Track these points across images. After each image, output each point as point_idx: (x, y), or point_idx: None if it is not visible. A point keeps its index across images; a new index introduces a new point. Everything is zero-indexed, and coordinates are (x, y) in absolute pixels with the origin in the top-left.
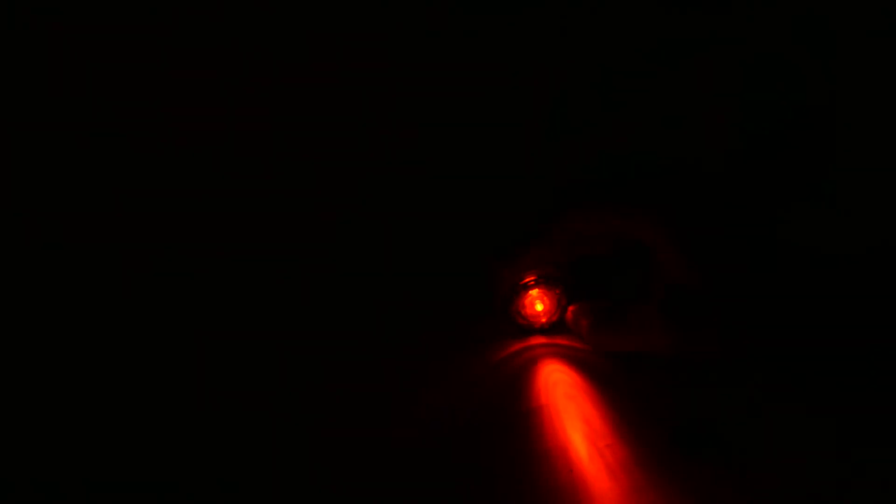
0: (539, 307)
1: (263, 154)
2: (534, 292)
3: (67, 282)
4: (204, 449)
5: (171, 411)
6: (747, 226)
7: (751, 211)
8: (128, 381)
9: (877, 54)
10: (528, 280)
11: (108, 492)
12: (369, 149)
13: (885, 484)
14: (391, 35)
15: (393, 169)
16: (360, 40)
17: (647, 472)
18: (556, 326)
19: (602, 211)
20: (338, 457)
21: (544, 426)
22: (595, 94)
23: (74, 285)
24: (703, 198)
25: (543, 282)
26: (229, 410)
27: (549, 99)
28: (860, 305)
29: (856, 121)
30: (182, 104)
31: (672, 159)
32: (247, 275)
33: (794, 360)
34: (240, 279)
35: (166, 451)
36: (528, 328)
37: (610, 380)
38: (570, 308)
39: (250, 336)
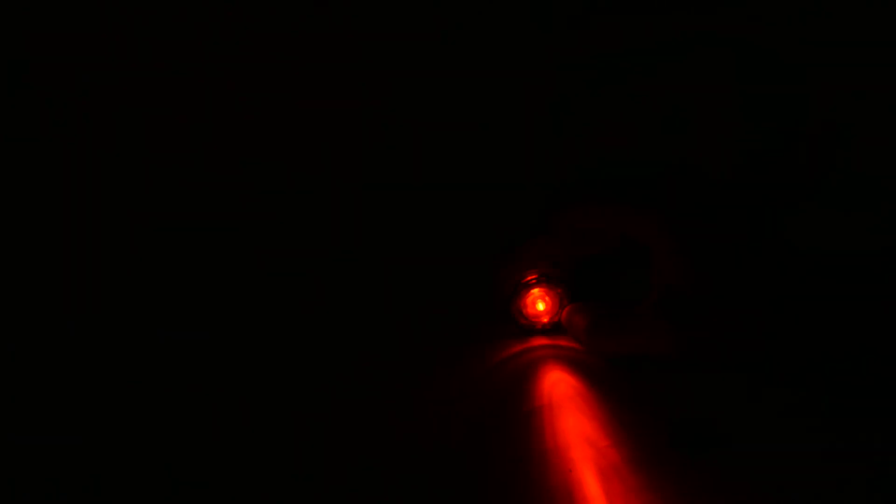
0: (541, 306)
1: (263, 154)
2: (535, 291)
3: (67, 282)
4: (204, 449)
5: (172, 412)
6: (748, 227)
7: (751, 212)
8: (127, 380)
9: (877, 54)
10: (529, 279)
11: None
12: (370, 148)
13: (884, 484)
14: (392, 35)
15: (393, 168)
16: (361, 40)
17: (646, 472)
18: (557, 326)
19: (602, 211)
20: (337, 457)
21: (544, 426)
22: (595, 95)
23: (74, 285)
24: (704, 199)
25: (545, 280)
26: (228, 410)
27: (550, 98)
28: (861, 306)
29: (856, 120)
30: (182, 106)
31: (672, 160)
32: (247, 275)
33: (795, 360)
34: (240, 279)
35: (166, 452)
36: (530, 328)
37: (610, 380)
38: (566, 309)
39: (250, 337)
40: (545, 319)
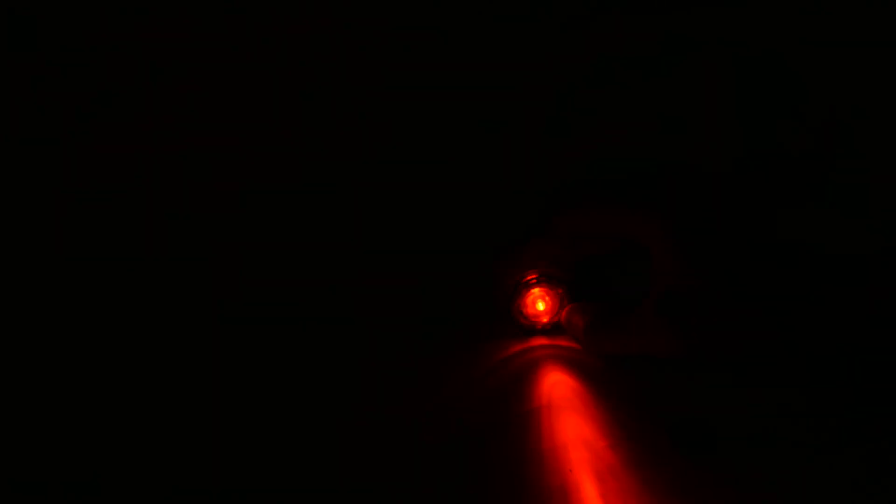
0: (541, 306)
1: (261, 151)
2: (535, 291)
3: (66, 279)
4: (201, 449)
5: (173, 411)
6: (748, 227)
7: (751, 212)
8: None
9: (877, 54)
10: (529, 278)
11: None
12: (369, 147)
13: (885, 485)
14: (391, 34)
15: (393, 166)
16: (362, 38)
17: (646, 473)
18: (557, 326)
19: (602, 210)
20: (335, 458)
21: (544, 426)
22: (596, 95)
23: (74, 283)
24: (704, 199)
25: (545, 280)
26: (224, 412)
27: (550, 99)
28: (861, 305)
29: (856, 121)
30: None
31: (672, 160)
32: (243, 274)
33: (796, 360)
34: (236, 278)
35: (167, 451)
36: (530, 328)
37: (610, 380)
38: (566, 309)
39: (246, 337)
40: (545, 319)
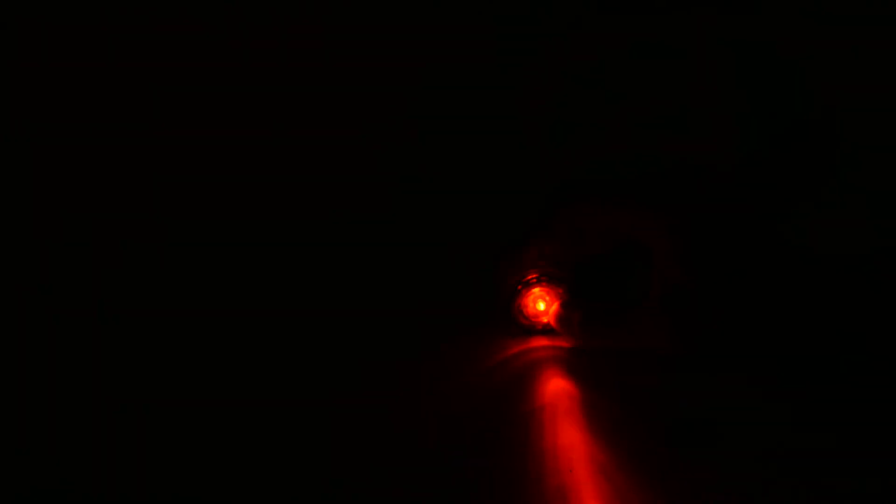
0: (541, 306)
1: (261, 153)
2: (536, 290)
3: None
4: (199, 451)
5: (170, 411)
6: (748, 227)
7: (752, 212)
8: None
9: (878, 54)
10: (529, 278)
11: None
12: (368, 147)
13: (884, 485)
14: (391, 35)
15: (393, 166)
16: (360, 39)
17: (645, 473)
18: None
19: (604, 209)
20: (335, 458)
21: (544, 426)
22: (598, 94)
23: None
24: (704, 198)
25: (546, 280)
26: (223, 414)
27: (551, 98)
28: (860, 306)
29: (858, 121)
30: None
31: (673, 160)
32: (242, 275)
33: (795, 360)
34: (234, 278)
35: (166, 452)
36: (530, 328)
37: (609, 380)
38: (558, 304)
39: (244, 338)
40: (546, 319)
